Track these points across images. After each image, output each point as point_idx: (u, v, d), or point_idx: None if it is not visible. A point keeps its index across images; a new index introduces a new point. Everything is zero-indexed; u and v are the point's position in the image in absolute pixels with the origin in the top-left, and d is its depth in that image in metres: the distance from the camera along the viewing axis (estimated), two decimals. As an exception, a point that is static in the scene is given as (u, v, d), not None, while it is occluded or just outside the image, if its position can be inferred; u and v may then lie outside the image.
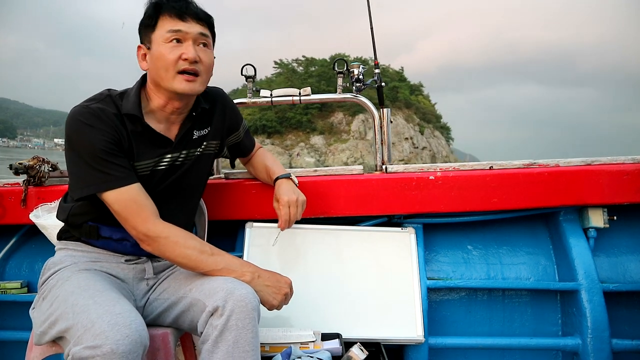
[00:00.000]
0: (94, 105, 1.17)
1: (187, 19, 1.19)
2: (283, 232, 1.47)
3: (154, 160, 1.25)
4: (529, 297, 1.72)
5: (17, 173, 1.69)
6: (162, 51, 1.18)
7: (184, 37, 1.19)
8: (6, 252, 1.83)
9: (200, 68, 1.21)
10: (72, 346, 0.97)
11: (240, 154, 1.58)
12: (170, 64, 1.18)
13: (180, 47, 1.18)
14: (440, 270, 1.74)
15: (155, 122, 1.25)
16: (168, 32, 1.18)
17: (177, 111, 1.26)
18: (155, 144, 1.24)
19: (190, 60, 1.18)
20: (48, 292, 1.18)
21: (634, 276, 1.69)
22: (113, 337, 0.95)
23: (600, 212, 1.66)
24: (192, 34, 1.19)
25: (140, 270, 1.29)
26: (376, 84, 1.87)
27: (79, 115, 1.15)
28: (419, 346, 1.59)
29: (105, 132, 1.14)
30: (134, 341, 0.97)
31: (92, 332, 0.96)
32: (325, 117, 56.08)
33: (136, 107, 1.20)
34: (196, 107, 1.30)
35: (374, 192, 1.64)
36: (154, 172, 1.25)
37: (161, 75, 1.19)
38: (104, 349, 0.93)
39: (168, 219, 1.31)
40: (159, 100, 1.24)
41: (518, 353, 1.69)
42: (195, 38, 1.20)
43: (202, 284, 1.18)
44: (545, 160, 1.68)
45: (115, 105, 1.20)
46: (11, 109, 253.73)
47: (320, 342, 1.43)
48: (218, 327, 1.09)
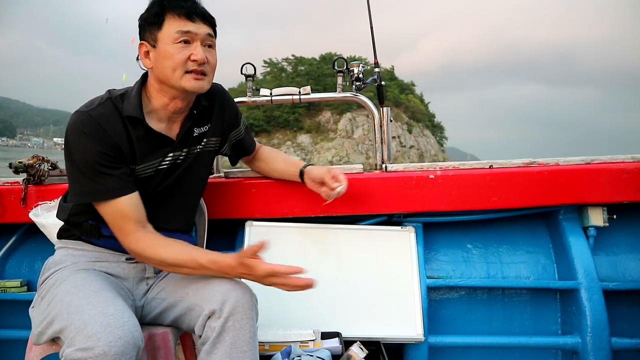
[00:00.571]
0: (93, 111, 1.17)
1: (195, 20, 1.19)
2: (283, 231, 1.47)
3: (157, 161, 1.25)
4: (529, 296, 1.72)
5: (16, 172, 1.69)
6: (171, 51, 1.18)
7: (192, 38, 1.19)
8: (6, 251, 1.83)
9: (207, 68, 1.22)
10: (65, 347, 0.97)
11: (244, 152, 1.57)
12: (179, 64, 1.18)
13: (189, 48, 1.19)
14: (440, 269, 1.74)
15: (156, 121, 1.25)
16: (177, 33, 1.18)
17: (179, 110, 1.26)
18: (157, 145, 1.25)
19: (199, 62, 1.19)
20: (47, 291, 1.18)
21: (634, 275, 1.69)
22: (105, 339, 0.95)
23: (600, 211, 1.66)
24: (201, 35, 1.20)
25: (140, 270, 1.29)
26: (376, 83, 1.87)
27: (78, 122, 1.15)
28: (418, 345, 1.59)
29: (101, 142, 1.14)
30: (126, 343, 0.97)
31: (84, 334, 0.96)
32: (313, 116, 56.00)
33: (137, 109, 1.20)
34: (197, 105, 1.30)
35: (374, 191, 1.64)
36: (158, 171, 1.26)
37: (168, 75, 1.19)
38: (96, 351, 0.93)
39: (168, 219, 1.31)
40: (163, 99, 1.24)
41: (518, 352, 1.69)
42: (203, 39, 1.20)
43: (198, 287, 1.19)
44: (545, 159, 1.68)
45: (116, 108, 1.20)
46: (12, 108, 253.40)
47: (320, 340, 1.43)
48: (216, 329, 1.10)
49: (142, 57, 1.24)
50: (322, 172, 1.44)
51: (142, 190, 1.23)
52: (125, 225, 1.17)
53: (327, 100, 1.99)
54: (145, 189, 1.24)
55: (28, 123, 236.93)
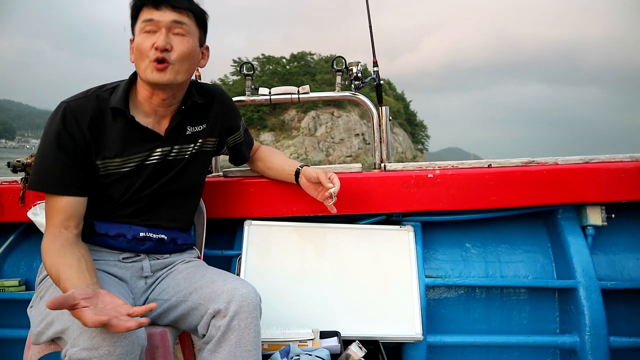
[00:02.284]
0: (74, 102, 1.18)
1: (161, 8, 1.17)
2: (282, 230, 1.47)
3: (143, 155, 1.24)
4: (527, 295, 1.72)
5: (15, 171, 1.69)
6: (139, 41, 1.18)
7: (157, 26, 1.17)
8: (4, 250, 1.82)
9: (171, 57, 1.17)
10: (69, 347, 0.96)
11: (243, 157, 1.57)
12: (144, 53, 1.17)
13: (153, 36, 1.17)
14: (438, 268, 1.74)
15: (143, 116, 1.24)
16: (143, 22, 1.17)
17: (164, 103, 1.24)
18: (143, 139, 1.24)
19: (159, 49, 1.15)
20: (45, 291, 1.18)
21: (632, 274, 1.69)
22: (110, 339, 0.94)
23: (599, 210, 1.67)
24: (165, 22, 1.16)
25: (138, 269, 1.29)
26: (375, 82, 1.87)
27: (57, 111, 1.17)
28: (417, 344, 1.59)
29: (71, 132, 1.15)
30: (131, 342, 0.97)
31: (88, 334, 0.95)
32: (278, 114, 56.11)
33: (122, 101, 1.20)
34: (186, 101, 1.29)
35: (373, 190, 1.64)
36: (143, 166, 1.24)
37: (139, 66, 1.19)
38: (101, 351, 0.93)
39: (167, 218, 1.31)
40: (145, 92, 1.23)
41: (516, 350, 1.70)
42: (168, 26, 1.17)
43: (201, 287, 1.19)
44: (544, 158, 1.68)
45: (98, 101, 1.20)
46: (14, 111, 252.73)
47: (318, 340, 1.43)
48: (221, 328, 1.10)
49: (131, 52, 1.24)
50: (319, 171, 1.43)
51: (128, 185, 1.23)
52: (53, 219, 1.16)
53: (326, 99, 1.99)
54: (131, 183, 1.24)
55: (29, 125, 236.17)
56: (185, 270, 1.30)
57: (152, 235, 1.28)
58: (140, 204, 1.26)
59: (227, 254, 1.73)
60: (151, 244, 1.29)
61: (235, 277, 1.23)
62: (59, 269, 1.05)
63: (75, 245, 1.13)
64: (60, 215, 1.16)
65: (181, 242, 1.35)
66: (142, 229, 1.27)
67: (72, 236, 1.15)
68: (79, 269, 1.05)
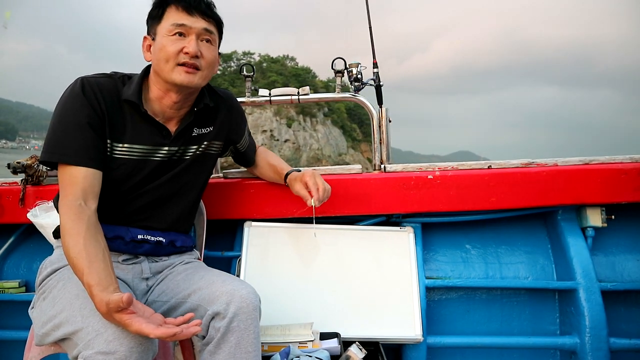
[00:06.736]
0: (94, 79, 1.19)
1: (193, 14, 1.19)
2: (282, 231, 1.46)
3: (150, 148, 1.24)
4: (527, 296, 1.72)
5: (15, 172, 1.69)
6: (165, 43, 1.18)
7: (187, 32, 1.19)
8: (4, 252, 1.82)
9: (201, 63, 1.21)
10: (82, 349, 0.96)
11: (250, 161, 1.59)
12: (171, 56, 1.18)
13: (182, 41, 1.18)
14: (438, 269, 1.74)
15: (152, 113, 1.25)
16: (172, 25, 1.18)
17: (175, 105, 1.25)
18: (153, 132, 1.24)
19: (191, 55, 1.18)
20: (49, 292, 1.16)
21: (632, 275, 1.69)
22: (127, 344, 0.95)
23: (599, 211, 1.67)
24: (197, 29, 1.19)
25: (138, 271, 1.28)
26: (374, 84, 1.88)
27: (76, 83, 1.17)
28: (417, 345, 1.59)
29: (90, 104, 1.15)
30: (146, 349, 0.98)
31: (104, 337, 0.95)
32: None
33: (135, 94, 1.20)
34: (198, 103, 1.30)
35: (373, 191, 1.64)
36: (147, 161, 1.24)
37: (161, 67, 1.19)
38: (117, 356, 0.93)
39: (167, 219, 1.31)
40: (158, 92, 1.23)
41: (516, 352, 1.69)
42: (199, 33, 1.20)
43: (201, 288, 1.18)
44: (544, 159, 1.68)
45: (115, 83, 1.21)
46: (22, 112, 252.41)
47: (318, 341, 1.43)
48: (221, 329, 1.10)
49: (145, 50, 1.25)
50: (308, 174, 1.41)
51: (129, 177, 1.22)
52: (70, 189, 1.10)
53: (326, 100, 2.00)
54: (132, 176, 1.22)
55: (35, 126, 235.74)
56: (184, 271, 1.30)
57: (150, 238, 1.28)
58: (138, 202, 1.26)
59: (227, 255, 1.73)
60: (149, 247, 1.28)
61: (234, 278, 1.23)
62: (85, 259, 1.00)
63: (98, 232, 1.08)
64: (80, 187, 1.10)
65: (180, 244, 1.35)
66: (139, 231, 1.27)
67: (93, 216, 1.10)
68: (105, 266, 1.02)
